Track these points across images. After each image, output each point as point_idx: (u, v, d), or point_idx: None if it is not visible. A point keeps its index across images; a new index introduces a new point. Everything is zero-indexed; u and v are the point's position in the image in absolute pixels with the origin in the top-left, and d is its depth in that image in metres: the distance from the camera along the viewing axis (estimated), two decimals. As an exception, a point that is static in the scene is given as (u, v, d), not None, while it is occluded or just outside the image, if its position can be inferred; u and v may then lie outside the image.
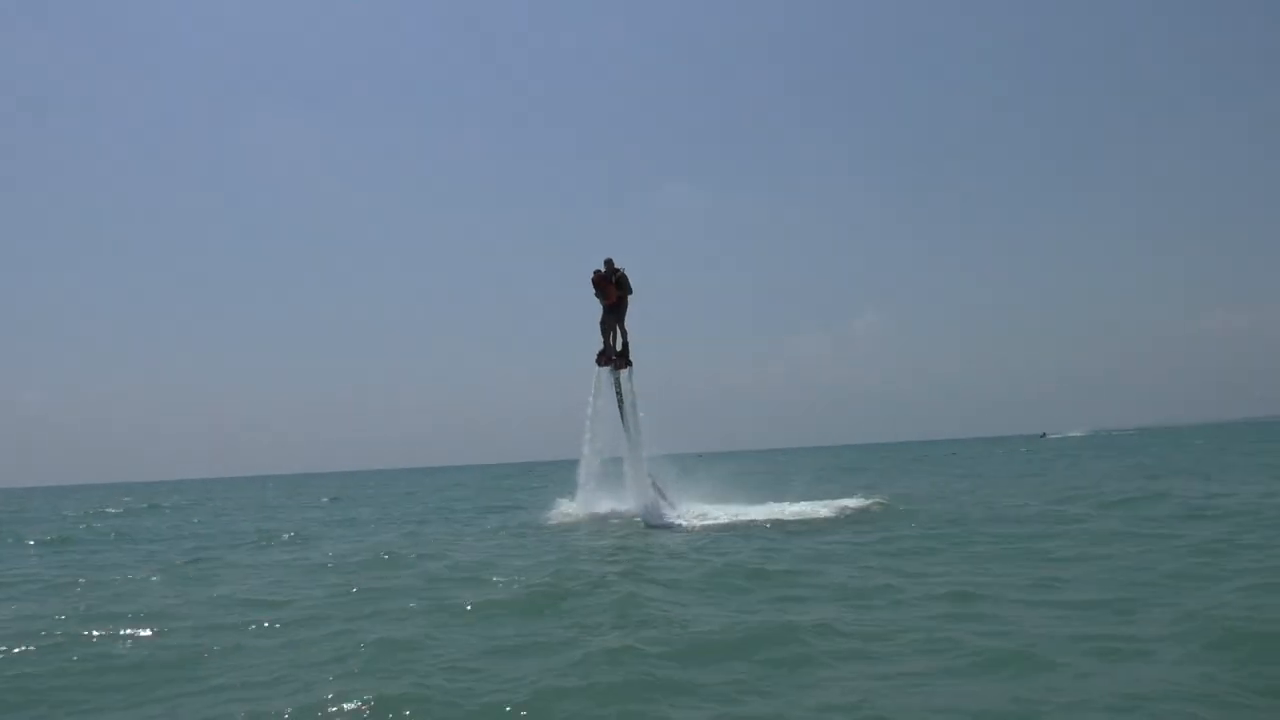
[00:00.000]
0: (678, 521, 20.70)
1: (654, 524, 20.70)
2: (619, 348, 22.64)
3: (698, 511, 22.00)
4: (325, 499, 50.45)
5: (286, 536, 23.68)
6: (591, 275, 22.46)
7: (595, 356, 22.82)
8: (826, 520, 20.17)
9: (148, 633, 10.52)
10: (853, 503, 23.51)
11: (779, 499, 25.02)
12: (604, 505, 22.63)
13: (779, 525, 19.54)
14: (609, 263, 22.47)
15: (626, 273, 22.39)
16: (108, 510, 48.20)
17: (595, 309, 22.72)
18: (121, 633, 10.56)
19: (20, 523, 39.25)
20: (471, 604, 10.98)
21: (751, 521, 20.26)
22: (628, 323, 22.77)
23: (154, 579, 15.62)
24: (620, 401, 22.43)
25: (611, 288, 22.38)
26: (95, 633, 10.57)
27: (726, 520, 20.70)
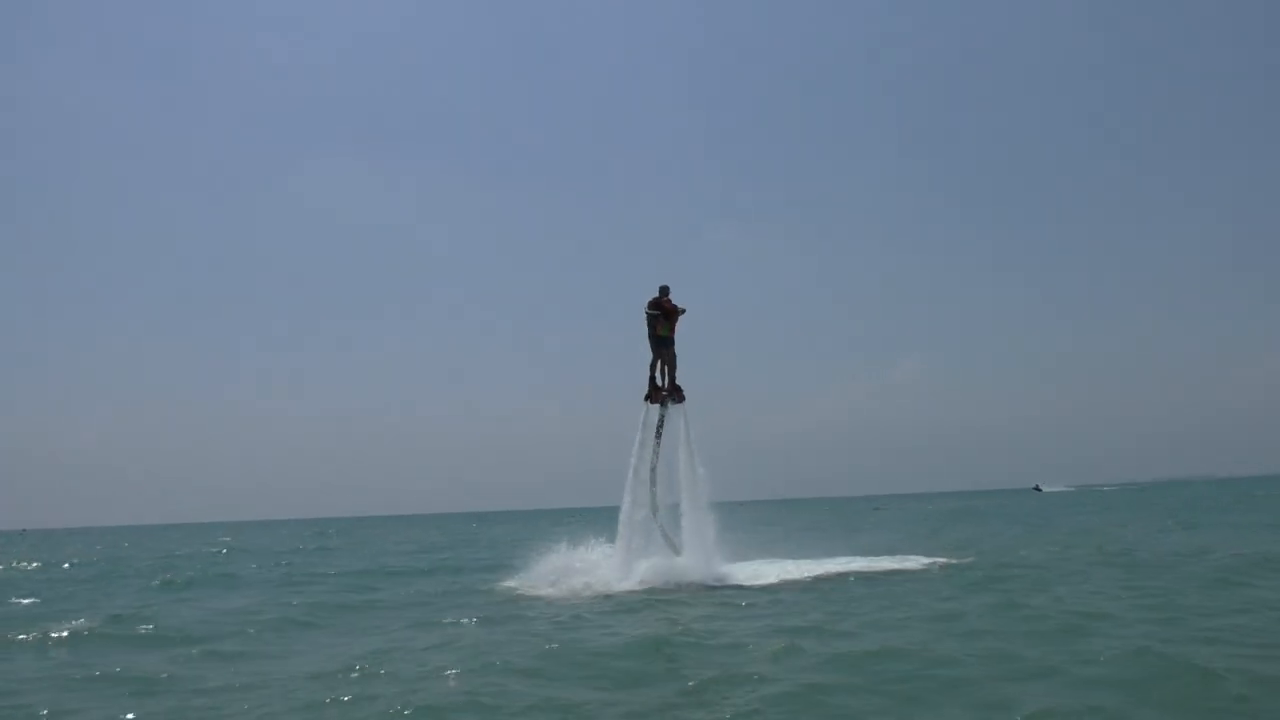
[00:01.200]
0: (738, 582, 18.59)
1: (713, 582, 18.46)
2: (668, 381, 20.58)
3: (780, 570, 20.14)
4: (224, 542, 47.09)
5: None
6: (653, 301, 20.45)
7: (646, 394, 20.62)
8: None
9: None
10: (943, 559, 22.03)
11: (865, 552, 22.79)
12: (650, 567, 19.40)
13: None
14: (665, 290, 20.57)
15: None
16: (284, 550, 44.82)
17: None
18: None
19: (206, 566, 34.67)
20: None
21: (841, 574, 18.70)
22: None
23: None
24: (658, 439, 20.28)
25: (674, 316, 20.49)
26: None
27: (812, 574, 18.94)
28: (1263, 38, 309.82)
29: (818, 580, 18.75)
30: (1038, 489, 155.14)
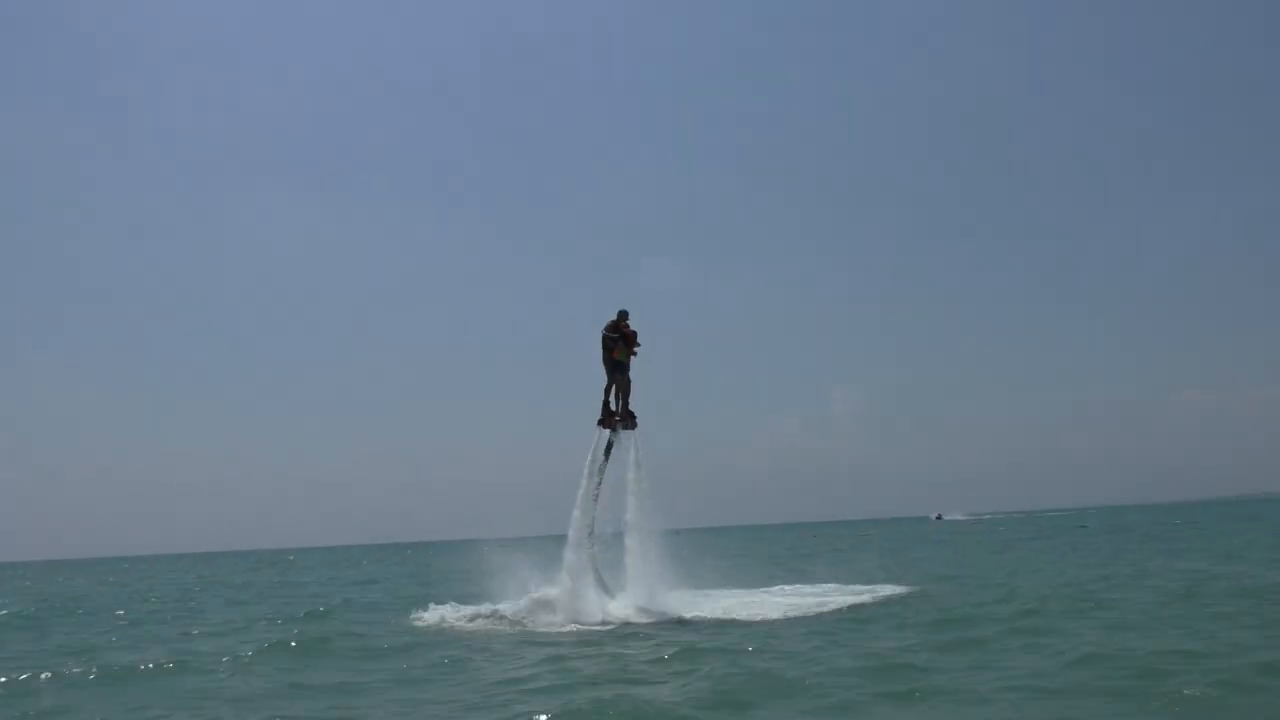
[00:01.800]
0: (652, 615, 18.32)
1: (584, 620, 18.11)
2: (621, 406, 20.55)
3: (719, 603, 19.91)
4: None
5: None
6: (611, 324, 20.34)
7: (599, 418, 20.59)
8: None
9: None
10: (887, 590, 22.12)
11: (800, 580, 22.95)
12: (595, 596, 19.26)
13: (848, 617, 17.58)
14: (624, 314, 20.41)
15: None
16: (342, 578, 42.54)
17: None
18: None
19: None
20: None
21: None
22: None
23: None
24: (604, 464, 20.24)
25: (632, 341, 20.42)
26: None
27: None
28: (1179, 95, 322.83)
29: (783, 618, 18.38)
30: (939, 517, 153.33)
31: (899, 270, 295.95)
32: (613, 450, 20.30)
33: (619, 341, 20.34)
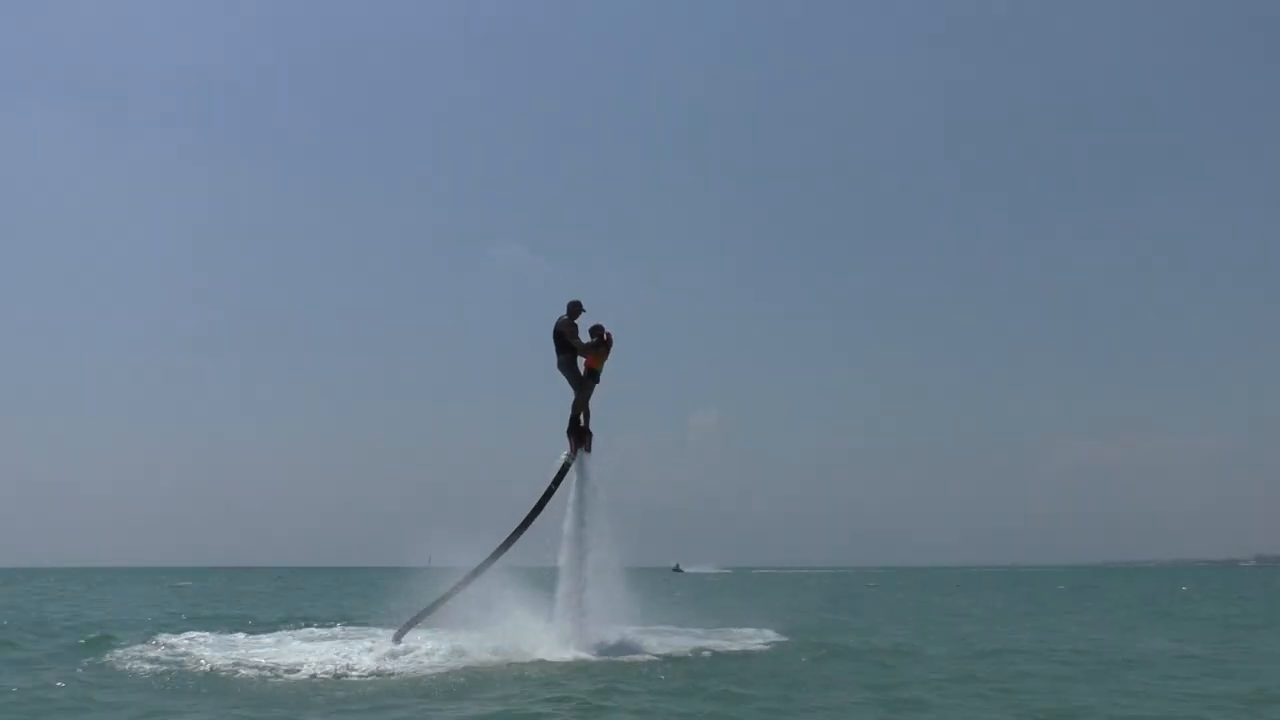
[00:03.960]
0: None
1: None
2: (586, 424, 19.03)
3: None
4: None
5: None
6: (594, 328, 18.76)
7: (571, 434, 18.84)
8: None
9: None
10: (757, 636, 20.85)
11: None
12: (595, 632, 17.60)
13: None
14: (576, 307, 18.90)
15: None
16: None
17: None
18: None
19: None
20: None
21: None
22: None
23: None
24: (552, 489, 18.53)
25: (608, 348, 19.05)
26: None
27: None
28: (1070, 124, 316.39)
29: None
30: (677, 569, 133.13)
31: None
32: (563, 475, 18.61)
33: (600, 348, 18.84)
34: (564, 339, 18.64)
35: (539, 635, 17.24)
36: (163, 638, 20.02)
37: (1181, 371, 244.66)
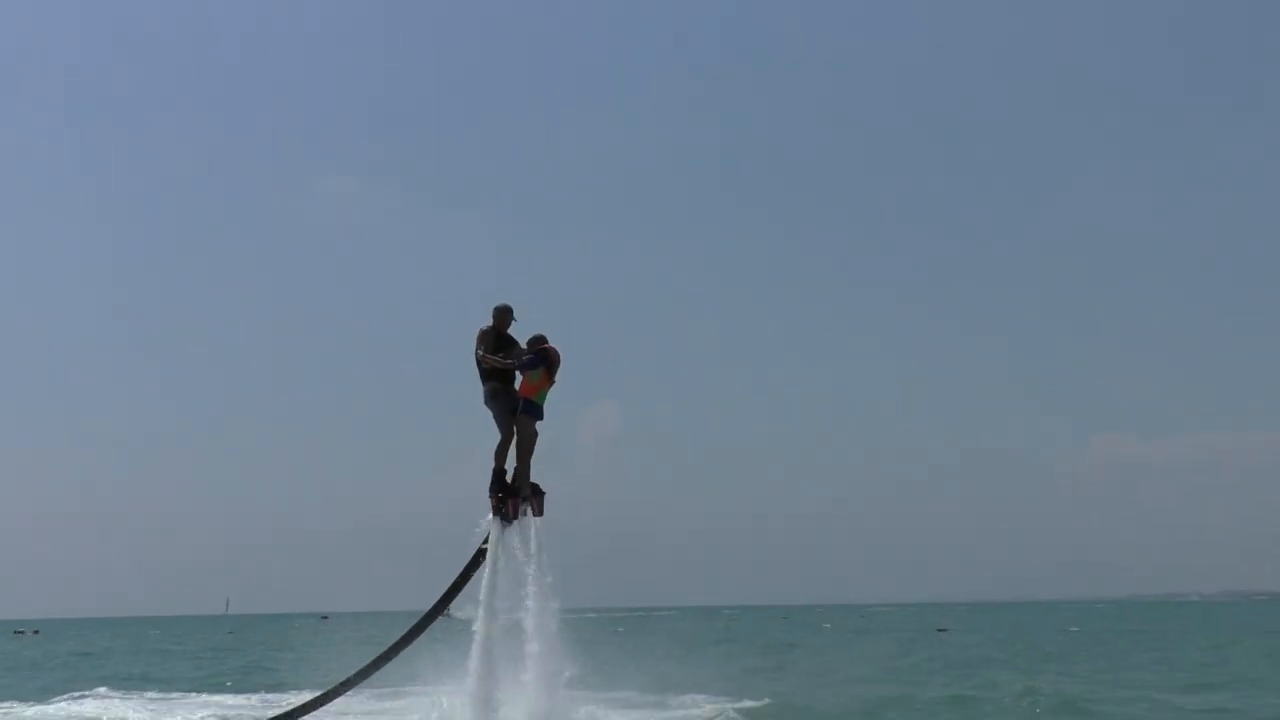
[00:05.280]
0: None
1: None
2: (523, 476, 13.98)
3: None
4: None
5: None
6: (533, 341, 13.75)
7: (495, 492, 13.93)
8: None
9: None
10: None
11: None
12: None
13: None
14: (505, 312, 14.03)
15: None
16: None
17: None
18: None
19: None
20: None
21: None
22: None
23: None
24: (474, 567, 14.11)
25: (555, 368, 13.71)
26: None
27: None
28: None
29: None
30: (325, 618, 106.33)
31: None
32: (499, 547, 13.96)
33: (540, 367, 13.64)
34: (485, 361, 13.71)
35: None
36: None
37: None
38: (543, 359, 13.59)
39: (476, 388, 13.94)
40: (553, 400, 13.87)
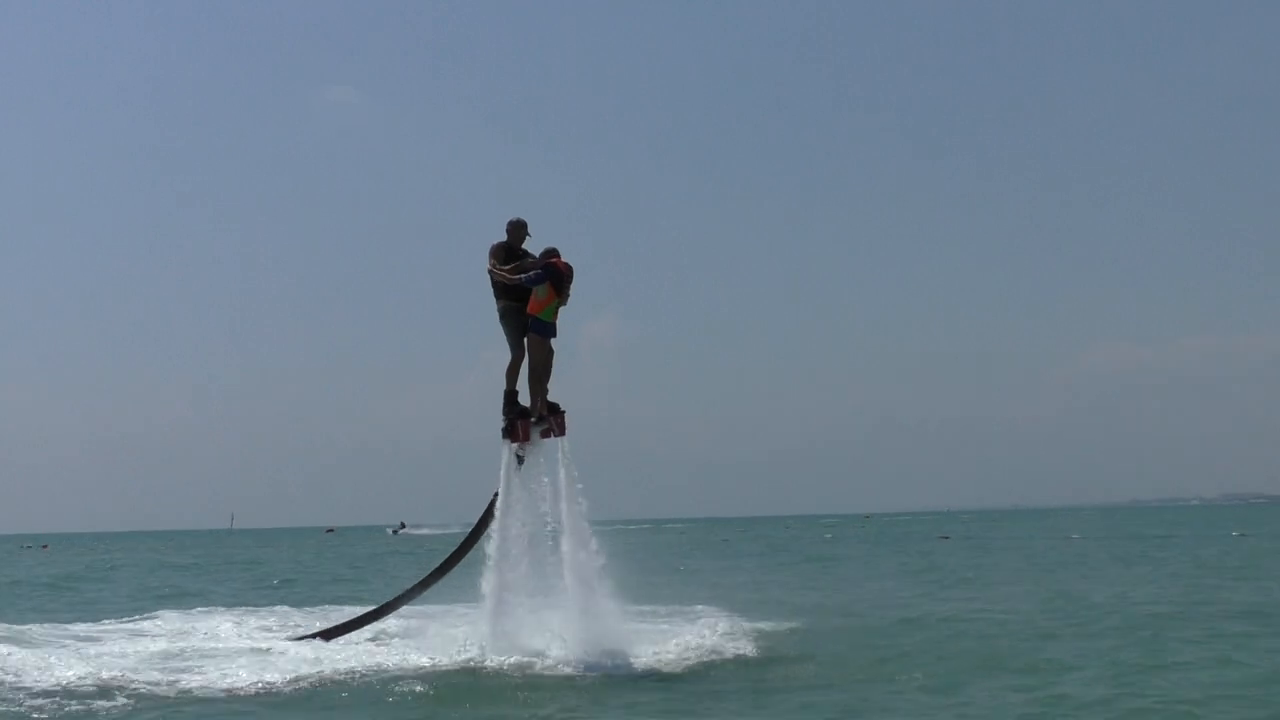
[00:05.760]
0: None
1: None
2: (540, 398, 13.67)
3: None
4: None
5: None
6: (545, 254, 13.41)
7: (509, 422, 13.80)
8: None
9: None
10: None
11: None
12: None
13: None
14: (521, 227, 13.77)
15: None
16: None
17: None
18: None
19: None
20: None
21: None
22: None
23: None
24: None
25: (567, 283, 13.29)
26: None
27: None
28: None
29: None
30: (399, 529, 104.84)
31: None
32: (524, 463, 14.03)
33: (546, 282, 13.20)
34: (494, 275, 13.48)
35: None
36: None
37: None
38: (549, 273, 13.15)
39: (491, 304, 13.70)
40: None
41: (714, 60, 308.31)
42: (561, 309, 13.47)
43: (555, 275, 13.16)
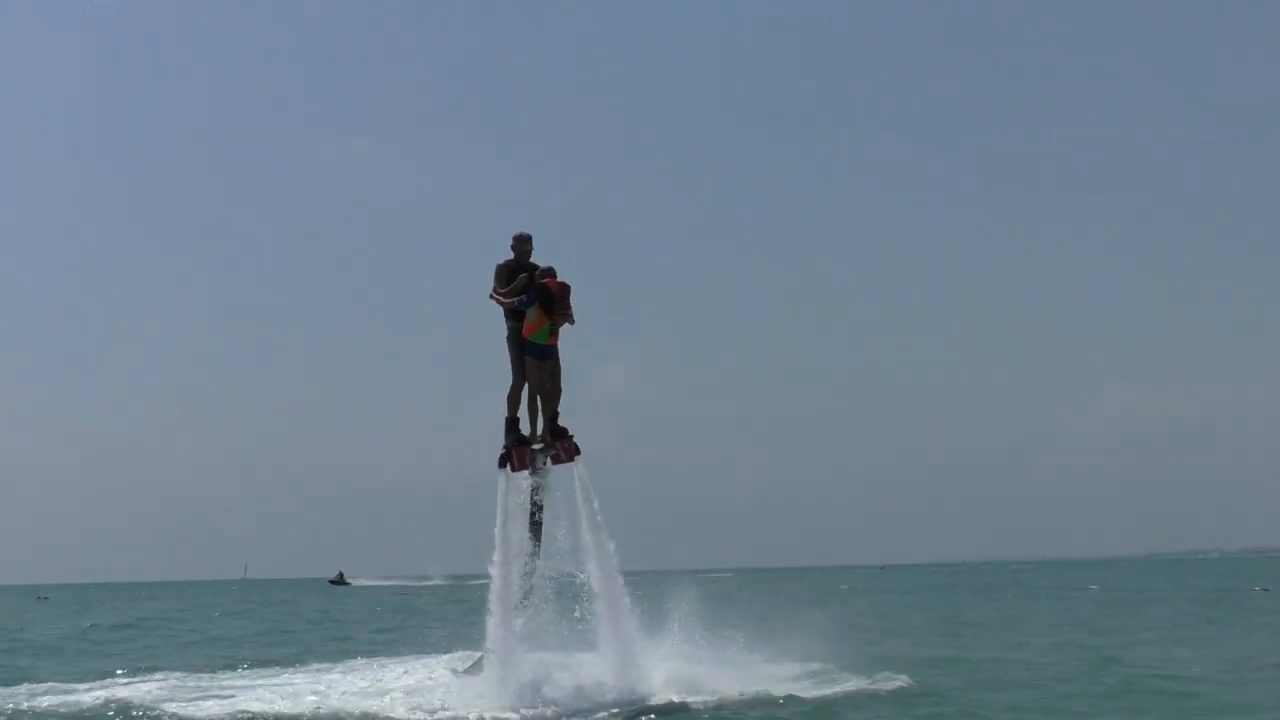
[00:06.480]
0: None
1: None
2: (544, 423, 13.54)
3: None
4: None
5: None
6: (536, 274, 13.19)
7: (505, 449, 13.54)
8: None
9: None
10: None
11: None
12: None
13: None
14: (526, 243, 13.61)
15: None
16: None
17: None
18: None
19: None
20: None
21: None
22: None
23: None
24: (535, 522, 13.65)
25: (565, 305, 13.05)
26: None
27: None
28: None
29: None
30: (339, 580, 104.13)
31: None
32: (543, 497, 13.72)
33: (539, 304, 13.00)
34: (493, 298, 13.31)
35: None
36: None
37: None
38: (539, 295, 12.91)
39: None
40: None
41: (744, 99, 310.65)
42: (570, 329, 13.18)
43: (545, 297, 12.94)
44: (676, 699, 12.93)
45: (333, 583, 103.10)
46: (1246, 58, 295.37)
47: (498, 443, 13.65)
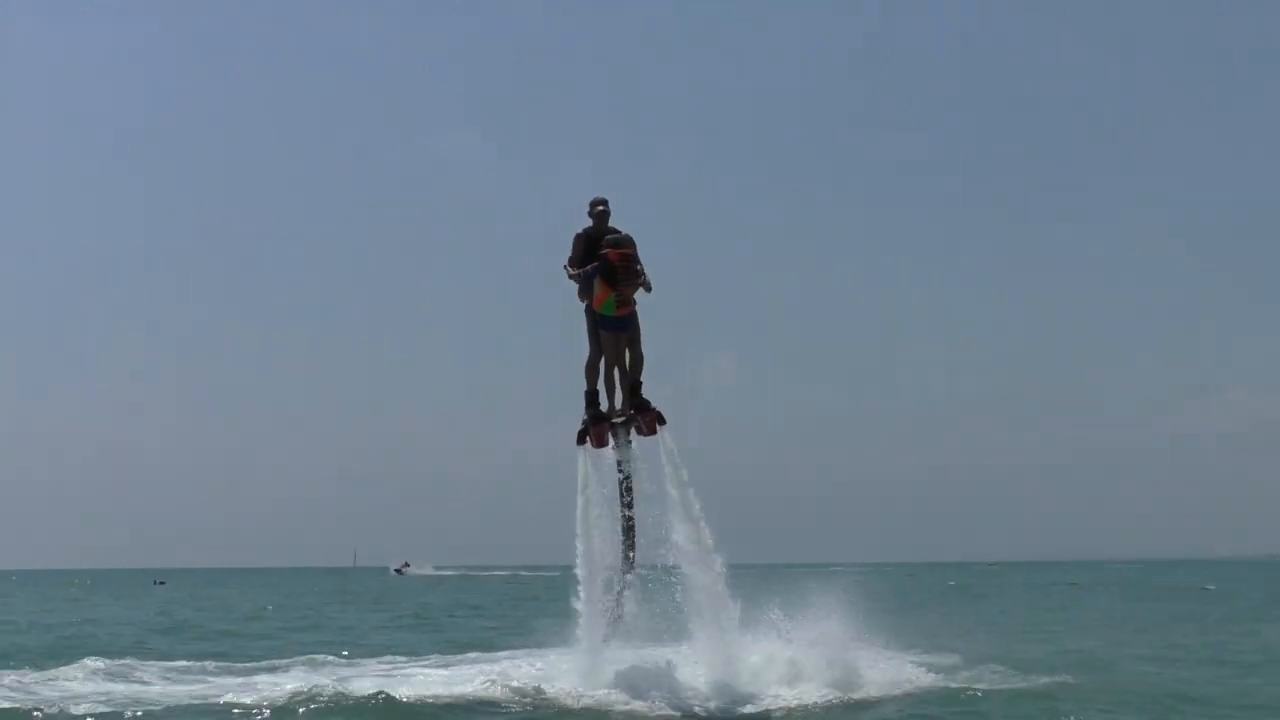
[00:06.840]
0: None
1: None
2: (627, 396, 13.09)
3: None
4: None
5: None
6: (600, 239, 12.65)
7: (583, 425, 13.23)
8: None
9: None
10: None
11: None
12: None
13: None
14: (602, 210, 12.96)
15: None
16: None
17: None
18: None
19: None
20: None
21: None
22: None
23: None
24: (627, 492, 13.24)
25: (632, 272, 12.40)
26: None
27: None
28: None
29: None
30: (401, 570, 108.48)
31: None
32: (631, 467, 13.22)
33: (601, 275, 12.47)
34: (568, 273, 13.01)
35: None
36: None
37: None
38: (601, 267, 12.42)
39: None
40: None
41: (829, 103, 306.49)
42: (648, 297, 12.81)
43: (606, 268, 12.47)
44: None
45: (397, 571, 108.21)
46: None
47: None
